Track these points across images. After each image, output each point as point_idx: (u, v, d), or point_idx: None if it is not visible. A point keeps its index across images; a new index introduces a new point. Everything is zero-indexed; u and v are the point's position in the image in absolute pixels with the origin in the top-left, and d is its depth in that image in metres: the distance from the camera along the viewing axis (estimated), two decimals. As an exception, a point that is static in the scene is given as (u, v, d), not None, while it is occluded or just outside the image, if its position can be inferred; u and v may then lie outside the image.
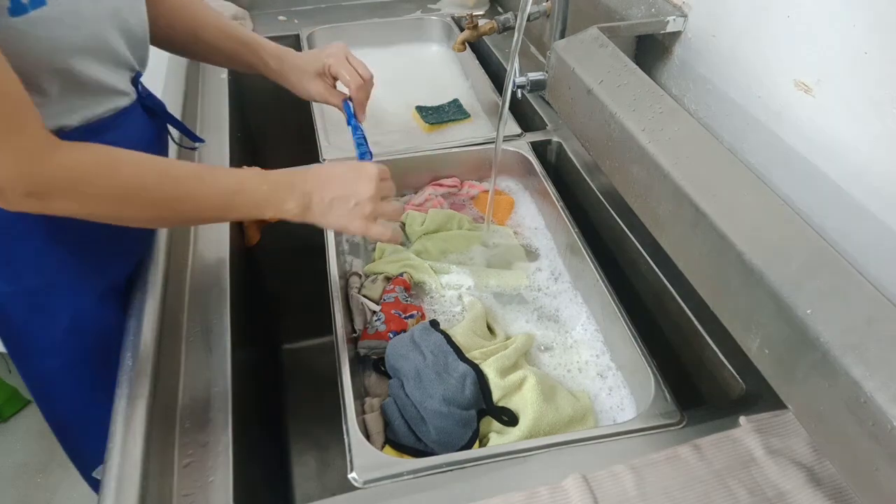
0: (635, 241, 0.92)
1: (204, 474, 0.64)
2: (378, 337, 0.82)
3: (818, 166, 0.69)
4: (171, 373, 0.73)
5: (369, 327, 0.84)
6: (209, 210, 0.67)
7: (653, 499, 0.60)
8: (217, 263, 0.88)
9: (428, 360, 0.75)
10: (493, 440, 0.71)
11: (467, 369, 0.73)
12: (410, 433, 0.71)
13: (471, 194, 1.10)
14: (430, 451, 0.70)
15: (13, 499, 1.56)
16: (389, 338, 0.81)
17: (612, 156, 0.79)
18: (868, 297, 0.51)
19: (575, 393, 0.77)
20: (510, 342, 0.81)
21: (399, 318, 0.84)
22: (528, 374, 0.75)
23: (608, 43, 0.86)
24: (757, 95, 0.76)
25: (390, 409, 0.73)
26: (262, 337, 1.21)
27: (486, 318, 0.86)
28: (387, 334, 0.82)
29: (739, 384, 0.73)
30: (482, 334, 0.83)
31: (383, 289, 0.89)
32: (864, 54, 0.61)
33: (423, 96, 1.30)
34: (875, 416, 0.45)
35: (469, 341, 0.79)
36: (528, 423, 0.70)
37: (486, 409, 0.72)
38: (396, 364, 0.77)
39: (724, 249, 0.59)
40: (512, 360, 0.77)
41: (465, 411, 0.71)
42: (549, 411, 0.71)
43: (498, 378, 0.74)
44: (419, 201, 1.07)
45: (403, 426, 0.71)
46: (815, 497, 0.59)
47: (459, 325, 0.82)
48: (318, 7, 1.63)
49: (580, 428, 0.73)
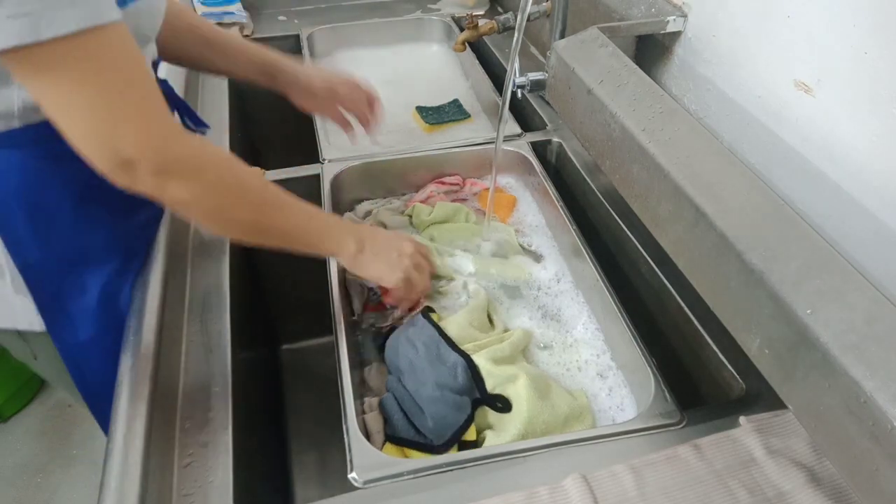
0: (635, 241, 0.92)
1: (204, 474, 0.64)
2: (379, 308, 0.86)
3: (818, 166, 0.69)
4: (171, 373, 0.73)
5: (369, 303, 0.87)
6: (291, 229, 0.72)
7: (653, 499, 0.60)
8: (217, 263, 0.88)
9: (420, 352, 0.76)
10: (490, 440, 0.71)
11: (458, 358, 0.75)
12: (409, 426, 0.72)
13: (473, 191, 1.10)
14: (429, 443, 0.70)
15: (13, 499, 1.56)
16: (387, 307, 0.85)
17: (612, 156, 0.79)
18: (868, 297, 0.51)
19: (571, 391, 0.77)
20: (506, 335, 0.81)
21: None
22: (520, 373, 0.75)
23: (608, 43, 0.86)
24: (757, 95, 0.77)
25: (388, 403, 0.74)
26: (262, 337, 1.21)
27: (486, 310, 0.86)
28: (384, 305, 0.86)
29: (739, 384, 0.73)
30: (479, 325, 0.83)
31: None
32: (864, 54, 0.61)
33: (423, 96, 1.30)
34: (875, 416, 0.45)
35: (464, 333, 0.80)
36: (522, 421, 0.70)
37: (479, 398, 0.73)
38: (393, 360, 0.79)
39: (724, 249, 0.59)
40: (506, 353, 0.78)
41: (459, 396, 0.72)
42: (544, 409, 0.71)
43: (491, 366, 0.75)
44: (422, 198, 1.07)
45: (402, 420, 0.72)
46: (815, 497, 0.59)
47: (457, 316, 0.83)
48: (318, 7, 1.63)
49: (578, 427, 0.73)
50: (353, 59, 1.50)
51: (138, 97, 0.58)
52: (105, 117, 0.56)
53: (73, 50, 0.52)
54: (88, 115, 0.56)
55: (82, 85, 0.54)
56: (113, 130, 0.57)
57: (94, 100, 0.55)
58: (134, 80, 0.58)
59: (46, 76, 0.53)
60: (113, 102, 0.56)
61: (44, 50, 0.50)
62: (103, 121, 0.56)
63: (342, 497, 0.62)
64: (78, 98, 0.55)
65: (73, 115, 0.56)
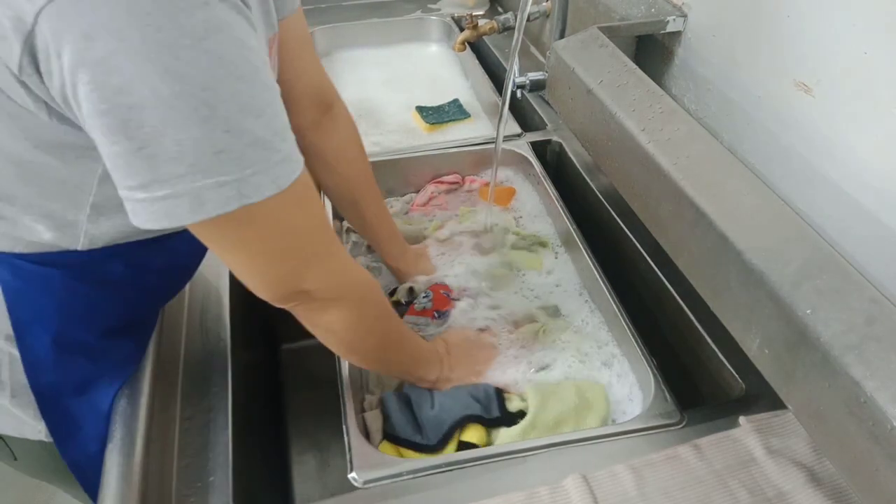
0: (635, 241, 0.92)
1: (204, 474, 0.64)
2: (424, 314, 0.85)
3: (817, 166, 0.69)
4: (171, 373, 0.73)
5: (416, 304, 0.87)
6: (402, 361, 0.73)
7: (653, 499, 0.60)
8: (217, 263, 0.88)
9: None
10: (500, 436, 0.71)
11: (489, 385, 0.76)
12: (407, 424, 0.72)
13: (472, 189, 1.11)
14: (425, 444, 0.70)
15: (13, 499, 1.56)
16: (434, 316, 0.85)
17: (612, 156, 0.79)
18: (868, 297, 0.51)
19: (578, 383, 0.77)
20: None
21: (446, 298, 0.87)
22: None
23: (608, 43, 0.86)
24: (757, 95, 0.76)
25: (389, 401, 0.74)
26: (262, 337, 1.21)
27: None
28: (432, 312, 0.85)
29: (739, 384, 0.73)
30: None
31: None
32: (864, 54, 0.61)
33: (423, 96, 1.30)
34: (875, 416, 0.45)
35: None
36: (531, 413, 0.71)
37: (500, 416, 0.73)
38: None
39: (724, 249, 0.59)
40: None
41: (475, 402, 0.73)
42: (551, 400, 0.72)
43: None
44: (422, 201, 1.08)
45: (401, 418, 0.72)
46: (815, 497, 0.59)
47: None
48: (318, 7, 1.63)
49: (593, 417, 0.73)
50: (353, 59, 1.50)
51: (321, 234, 0.57)
52: (292, 261, 0.55)
53: (270, 210, 0.49)
54: (276, 261, 0.54)
55: (272, 236, 0.52)
56: (298, 273, 0.56)
57: (281, 248, 0.53)
58: (316, 217, 0.56)
59: (233, 234, 0.50)
60: (302, 248, 0.55)
61: (237, 213, 0.46)
62: (289, 264, 0.55)
63: (342, 497, 0.62)
64: (265, 247, 0.53)
65: (256, 262, 0.54)
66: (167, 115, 0.41)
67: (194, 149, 0.42)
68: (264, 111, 0.46)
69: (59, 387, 0.63)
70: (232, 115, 0.43)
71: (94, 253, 0.59)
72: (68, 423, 0.65)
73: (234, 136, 0.44)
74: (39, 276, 0.59)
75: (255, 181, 0.46)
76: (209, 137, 0.43)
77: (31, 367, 0.62)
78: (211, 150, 0.43)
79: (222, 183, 0.44)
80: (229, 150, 0.44)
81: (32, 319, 0.61)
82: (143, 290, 0.56)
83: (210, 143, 0.43)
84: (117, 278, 0.60)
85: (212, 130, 0.43)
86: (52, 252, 0.58)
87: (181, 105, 0.41)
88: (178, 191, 0.44)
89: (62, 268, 0.59)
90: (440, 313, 0.86)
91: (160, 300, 0.73)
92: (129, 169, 0.43)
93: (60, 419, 0.64)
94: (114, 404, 0.66)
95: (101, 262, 0.60)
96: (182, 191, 0.44)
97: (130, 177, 0.44)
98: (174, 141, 0.42)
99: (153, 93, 0.40)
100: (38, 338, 0.61)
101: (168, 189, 0.43)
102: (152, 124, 0.41)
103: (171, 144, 0.42)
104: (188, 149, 0.42)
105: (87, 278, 0.61)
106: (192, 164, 0.43)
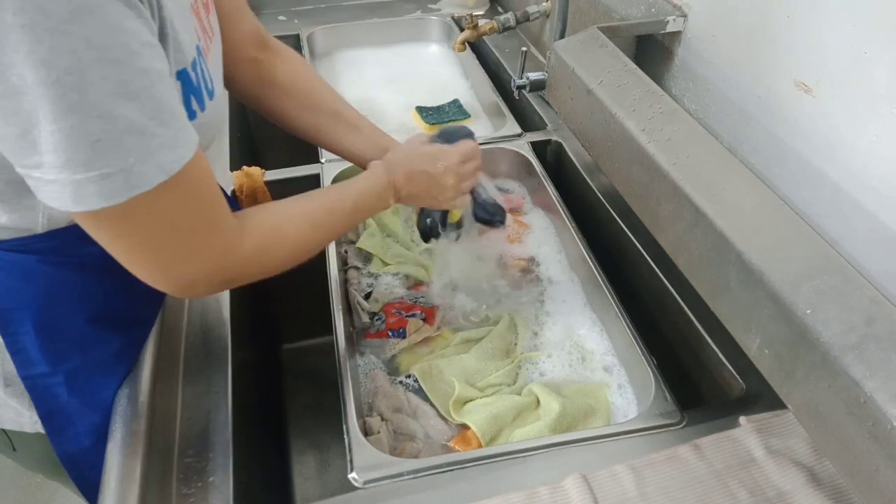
0: (635, 241, 0.92)
1: (204, 474, 0.64)
2: (379, 336, 0.84)
3: (817, 166, 0.69)
4: (171, 373, 0.73)
5: (371, 327, 0.85)
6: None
7: (653, 499, 0.60)
8: (217, 263, 0.88)
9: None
10: (518, 435, 0.71)
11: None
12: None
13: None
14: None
15: (13, 499, 1.56)
16: (389, 336, 0.83)
17: (612, 156, 0.79)
18: (868, 297, 0.51)
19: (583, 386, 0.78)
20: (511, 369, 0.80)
21: (400, 316, 0.85)
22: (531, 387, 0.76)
23: (608, 43, 0.86)
24: (757, 95, 0.77)
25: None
26: (262, 337, 1.21)
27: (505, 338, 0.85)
28: (386, 332, 0.84)
29: (739, 384, 0.73)
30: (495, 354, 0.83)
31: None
32: (863, 54, 0.61)
33: (423, 96, 1.31)
34: (875, 416, 0.45)
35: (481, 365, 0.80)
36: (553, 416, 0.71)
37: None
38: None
39: (724, 249, 0.59)
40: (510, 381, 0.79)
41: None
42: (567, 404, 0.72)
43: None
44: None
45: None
46: (815, 497, 0.59)
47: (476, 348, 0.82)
48: (318, 7, 1.63)
49: (596, 421, 0.73)
50: (353, 59, 1.50)
51: (208, 225, 0.55)
52: (174, 253, 0.54)
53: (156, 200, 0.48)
54: (159, 254, 0.53)
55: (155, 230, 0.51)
56: (181, 265, 0.55)
57: (164, 241, 0.52)
58: (205, 206, 0.54)
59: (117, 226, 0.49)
60: (184, 240, 0.53)
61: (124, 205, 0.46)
62: (172, 257, 0.54)
63: (342, 497, 0.62)
64: (149, 240, 0.51)
65: (140, 254, 0.53)
66: (37, 103, 0.41)
67: (69, 139, 0.42)
68: (138, 94, 0.45)
69: (48, 377, 0.63)
70: (102, 99, 0.42)
71: (63, 235, 0.59)
72: (60, 416, 0.65)
73: (107, 121, 0.43)
74: (15, 263, 0.60)
75: (140, 170, 0.45)
76: (83, 125, 0.42)
77: (18, 356, 0.62)
78: (87, 140, 0.43)
79: (106, 175, 0.44)
80: (106, 139, 0.43)
81: (13, 307, 0.61)
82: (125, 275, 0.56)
83: (85, 132, 0.43)
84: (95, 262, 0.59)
85: (84, 117, 0.42)
86: (20, 238, 0.58)
87: (48, 92, 0.41)
88: (62, 179, 0.44)
89: (38, 253, 0.60)
90: (394, 332, 0.84)
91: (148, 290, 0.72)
92: (20, 151, 0.44)
93: (52, 411, 0.64)
94: (114, 403, 0.66)
95: (73, 246, 0.60)
96: (65, 180, 0.44)
97: (23, 157, 0.44)
98: (48, 131, 0.42)
99: (20, 79, 0.40)
100: (20, 324, 0.61)
101: (53, 176, 0.44)
102: (27, 111, 0.41)
103: (46, 135, 0.42)
104: (62, 139, 0.42)
105: (64, 264, 0.62)
106: (71, 157, 0.43)
